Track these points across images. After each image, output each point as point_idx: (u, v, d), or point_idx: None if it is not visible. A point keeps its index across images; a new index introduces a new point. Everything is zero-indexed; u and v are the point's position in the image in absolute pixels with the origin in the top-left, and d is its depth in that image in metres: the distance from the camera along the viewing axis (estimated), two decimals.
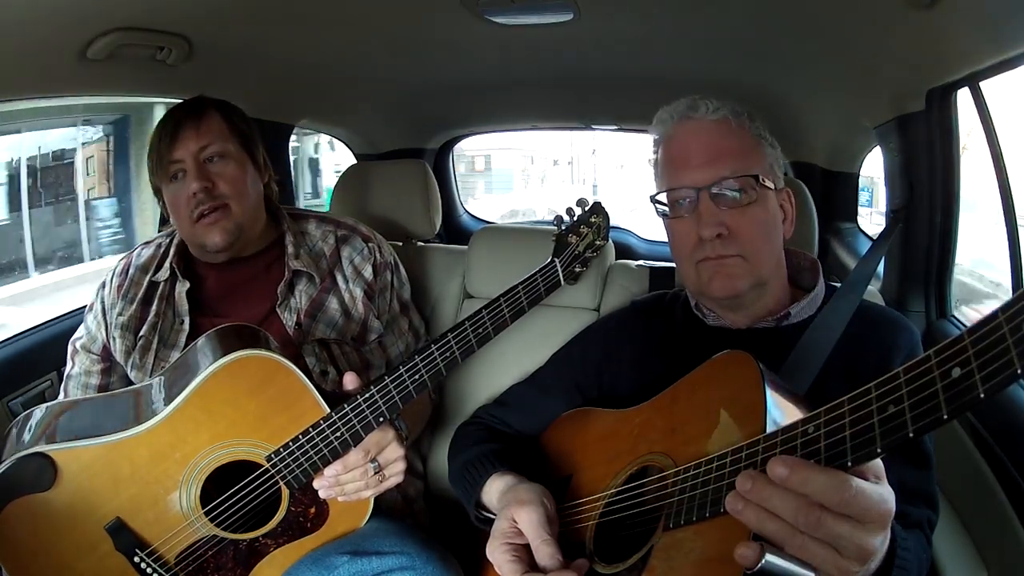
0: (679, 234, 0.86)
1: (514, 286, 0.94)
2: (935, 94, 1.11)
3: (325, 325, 1.07)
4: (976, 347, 0.41)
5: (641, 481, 0.74)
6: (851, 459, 0.49)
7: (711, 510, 0.60)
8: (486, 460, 0.90)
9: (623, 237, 2.52)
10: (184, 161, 1.01)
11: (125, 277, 1.10)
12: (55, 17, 0.96)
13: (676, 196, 0.85)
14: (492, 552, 0.76)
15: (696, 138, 0.85)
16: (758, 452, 0.56)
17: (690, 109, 0.86)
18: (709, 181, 0.82)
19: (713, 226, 0.81)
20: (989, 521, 0.96)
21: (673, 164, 0.86)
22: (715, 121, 0.85)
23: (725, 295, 0.84)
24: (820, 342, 0.81)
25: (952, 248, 1.22)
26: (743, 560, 0.51)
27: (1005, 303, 0.40)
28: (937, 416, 0.43)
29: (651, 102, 0.92)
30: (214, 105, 1.06)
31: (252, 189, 1.06)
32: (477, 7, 1.17)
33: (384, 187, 1.54)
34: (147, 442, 0.80)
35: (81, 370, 1.10)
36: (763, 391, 0.61)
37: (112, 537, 0.81)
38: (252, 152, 1.08)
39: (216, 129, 1.03)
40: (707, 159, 0.83)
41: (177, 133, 1.01)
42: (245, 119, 1.10)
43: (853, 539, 0.50)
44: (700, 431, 0.68)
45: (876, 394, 0.48)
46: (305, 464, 0.83)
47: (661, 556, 0.65)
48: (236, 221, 1.02)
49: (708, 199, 0.82)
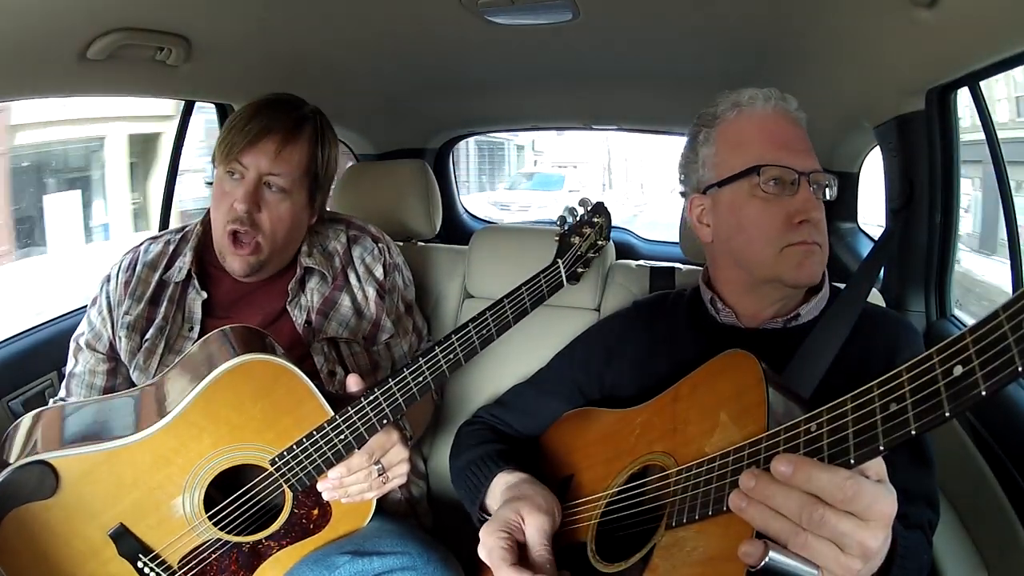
0: (764, 214, 0.82)
1: (517, 287, 0.94)
2: (935, 94, 1.11)
3: (337, 324, 1.07)
4: (977, 345, 0.42)
5: (642, 480, 0.74)
6: (854, 457, 0.49)
7: (714, 508, 0.60)
8: (490, 460, 0.90)
9: (624, 237, 2.52)
10: (248, 170, 0.97)
11: (132, 273, 1.06)
12: (55, 18, 0.95)
13: (776, 174, 0.81)
14: (488, 535, 0.75)
15: (793, 127, 0.85)
16: (761, 451, 0.57)
17: (782, 99, 0.86)
18: (809, 169, 0.82)
19: (817, 211, 0.81)
20: (989, 521, 0.96)
21: (774, 142, 0.83)
22: (800, 119, 0.86)
23: (810, 281, 0.83)
24: (826, 343, 0.81)
25: (952, 248, 1.22)
26: (747, 558, 0.52)
27: (1006, 301, 0.40)
28: (939, 414, 0.44)
29: (651, 102, 0.92)
30: (313, 132, 1.01)
31: (292, 229, 1.02)
32: (477, 7, 1.16)
33: (384, 187, 1.53)
34: (150, 447, 0.80)
35: (85, 369, 1.06)
36: (765, 390, 0.61)
37: (115, 543, 0.80)
38: (314, 194, 1.04)
39: (296, 161, 0.99)
40: (805, 148, 0.83)
41: (259, 141, 0.96)
42: (332, 156, 1.05)
43: (856, 536, 0.50)
44: (702, 430, 0.68)
45: (878, 392, 0.48)
46: (309, 467, 0.83)
47: (663, 555, 0.65)
48: (261, 259, 1.00)
49: (807, 185, 0.81)
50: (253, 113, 0.98)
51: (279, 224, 1.00)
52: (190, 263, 1.04)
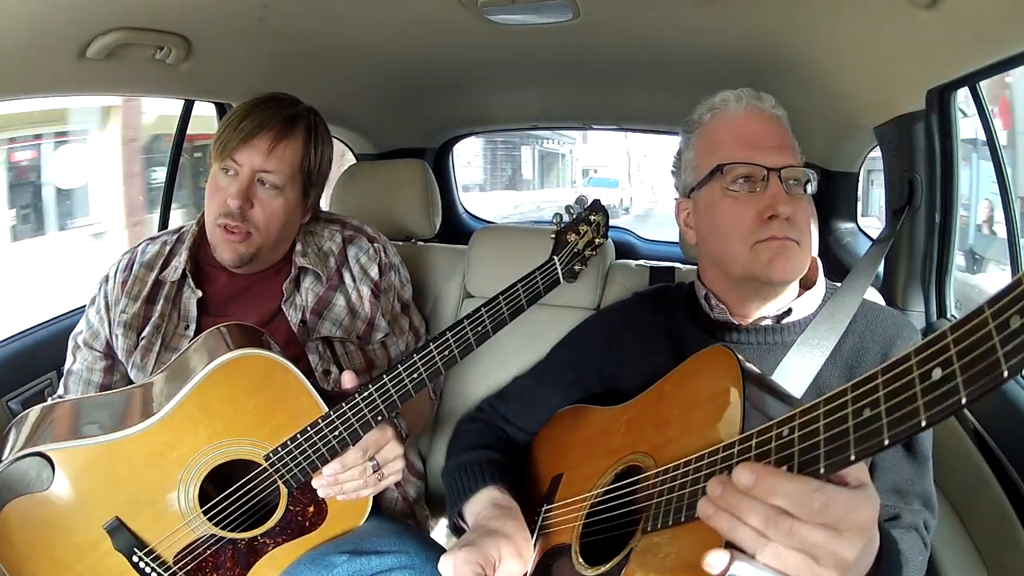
0: (735, 212, 0.83)
1: (513, 284, 0.94)
2: (935, 94, 1.11)
3: (331, 323, 1.07)
4: (959, 345, 0.36)
5: (626, 481, 0.73)
6: (824, 466, 0.46)
7: (686, 514, 0.58)
8: (482, 470, 0.89)
9: (623, 237, 2.52)
10: (242, 167, 0.98)
11: (129, 273, 1.07)
12: (54, 17, 0.96)
13: (743, 172, 0.82)
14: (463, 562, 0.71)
15: (766, 124, 0.85)
16: (733, 455, 0.54)
17: (755, 98, 0.86)
18: (779, 165, 0.81)
19: (789, 206, 0.80)
20: (989, 521, 0.95)
21: (742, 142, 0.84)
22: (776, 116, 0.86)
23: (782, 279, 0.82)
24: (820, 340, 0.81)
25: (952, 248, 1.22)
26: (710, 568, 0.49)
27: (992, 295, 0.35)
28: (915, 422, 0.39)
29: (651, 102, 0.93)
30: (305, 129, 1.02)
31: (284, 225, 1.03)
32: (477, 7, 1.16)
33: (384, 187, 1.54)
34: (145, 442, 0.80)
35: (83, 366, 1.08)
36: (742, 390, 0.59)
37: (111, 537, 0.80)
38: (307, 192, 1.05)
39: (289, 159, 1.00)
40: (776, 145, 0.83)
41: (252, 138, 0.97)
42: (325, 154, 1.06)
43: (829, 548, 0.48)
44: (680, 430, 0.66)
45: (852, 396, 0.44)
46: (303, 463, 0.83)
47: (639, 560, 0.64)
48: (253, 250, 1.01)
49: (778, 181, 0.81)
50: (247, 111, 0.99)
51: (272, 220, 1.00)
52: (185, 262, 1.05)
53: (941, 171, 1.17)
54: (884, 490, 0.78)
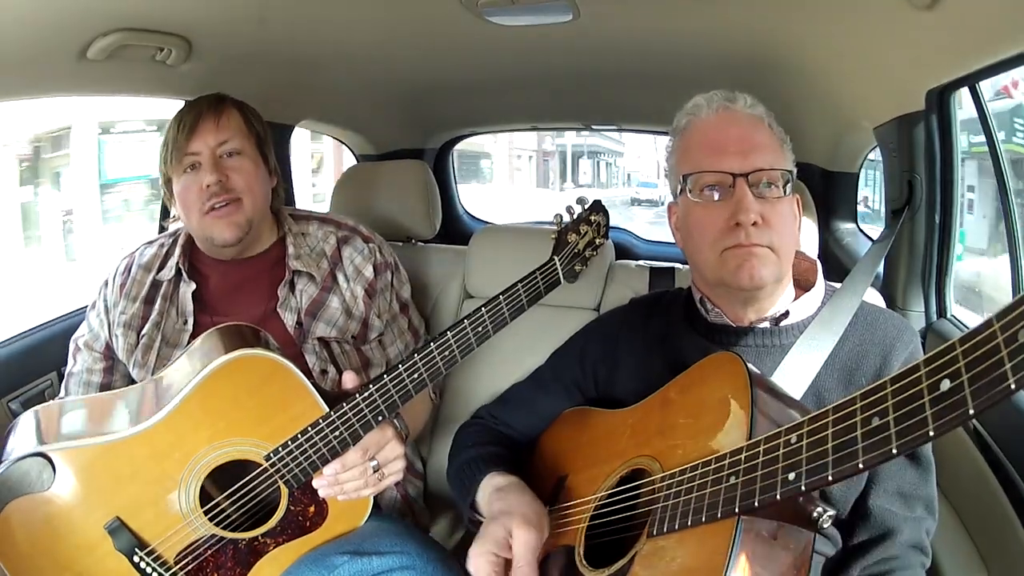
0: (704, 220, 0.82)
1: (514, 284, 0.94)
2: (934, 94, 1.11)
3: (326, 323, 1.08)
4: (968, 358, 0.37)
5: (630, 485, 0.73)
6: (832, 474, 0.46)
7: (693, 519, 0.58)
8: (481, 462, 0.90)
9: (623, 237, 2.52)
10: (201, 154, 1.02)
11: (128, 275, 1.10)
12: (55, 17, 0.96)
13: (709, 180, 0.82)
14: (476, 555, 0.74)
15: (735, 128, 0.84)
16: (740, 461, 0.55)
17: (728, 100, 0.86)
18: (747, 169, 0.80)
19: (754, 212, 0.79)
20: (989, 522, 0.95)
21: (709, 148, 0.83)
22: (752, 115, 0.85)
23: (751, 285, 0.80)
24: (818, 343, 0.81)
25: (952, 248, 1.22)
26: None
27: (1001, 309, 0.36)
28: (923, 432, 0.40)
29: (651, 102, 0.93)
30: (234, 103, 1.08)
31: (263, 188, 1.08)
32: (477, 7, 1.17)
33: (384, 187, 1.54)
34: (146, 441, 0.80)
35: (83, 368, 1.10)
36: (750, 397, 0.60)
37: (112, 537, 0.81)
38: (265, 154, 1.09)
39: (235, 126, 1.05)
40: (745, 148, 0.82)
41: (196, 125, 1.02)
42: (261, 121, 1.11)
43: None
44: (687, 435, 0.67)
45: (861, 404, 0.45)
46: (304, 463, 0.83)
47: (643, 563, 0.64)
48: (247, 216, 1.03)
49: (745, 186, 0.80)
50: (179, 115, 1.05)
51: (251, 180, 1.05)
52: (178, 258, 1.08)
53: (941, 171, 1.17)
54: (889, 495, 0.78)
